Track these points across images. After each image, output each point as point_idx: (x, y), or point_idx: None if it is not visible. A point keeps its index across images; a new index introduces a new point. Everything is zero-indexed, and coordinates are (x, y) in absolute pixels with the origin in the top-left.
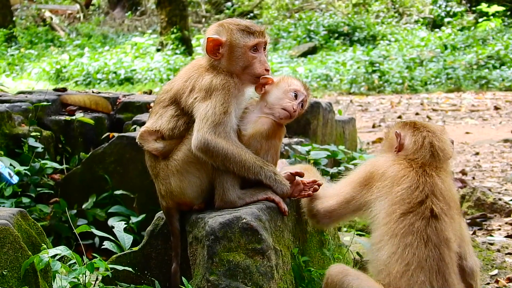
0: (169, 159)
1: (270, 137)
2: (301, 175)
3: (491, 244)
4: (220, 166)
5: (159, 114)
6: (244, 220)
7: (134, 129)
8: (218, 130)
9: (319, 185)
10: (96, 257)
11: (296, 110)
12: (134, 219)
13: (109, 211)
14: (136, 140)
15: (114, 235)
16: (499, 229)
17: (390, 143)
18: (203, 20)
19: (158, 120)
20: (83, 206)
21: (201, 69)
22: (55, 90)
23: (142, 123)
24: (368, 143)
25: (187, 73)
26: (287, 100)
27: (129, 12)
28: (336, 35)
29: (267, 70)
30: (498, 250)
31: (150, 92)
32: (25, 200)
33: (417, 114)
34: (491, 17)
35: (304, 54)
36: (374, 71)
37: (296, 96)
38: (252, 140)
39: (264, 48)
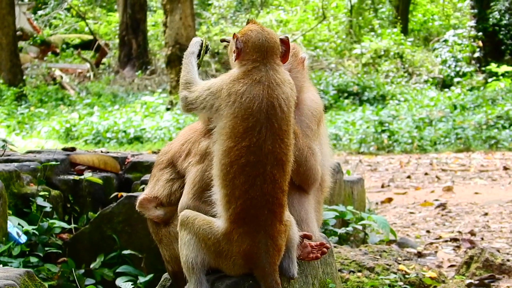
0: (170, 225)
1: None
2: (309, 237)
3: None
4: None
5: (156, 178)
6: (251, 281)
7: (143, 189)
8: (204, 196)
9: (327, 247)
10: None
11: None
12: (142, 279)
13: (117, 270)
14: (136, 208)
15: None
16: None
17: None
18: None
19: (155, 185)
20: (91, 266)
21: (198, 133)
22: (64, 149)
23: None
24: (377, 203)
25: (185, 136)
26: None
27: (139, 71)
28: (345, 94)
29: None
30: None
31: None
32: (33, 259)
33: (426, 174)
34: (501, 77)
35: None
36: (383, 131)
37: None
38: None
39: None
